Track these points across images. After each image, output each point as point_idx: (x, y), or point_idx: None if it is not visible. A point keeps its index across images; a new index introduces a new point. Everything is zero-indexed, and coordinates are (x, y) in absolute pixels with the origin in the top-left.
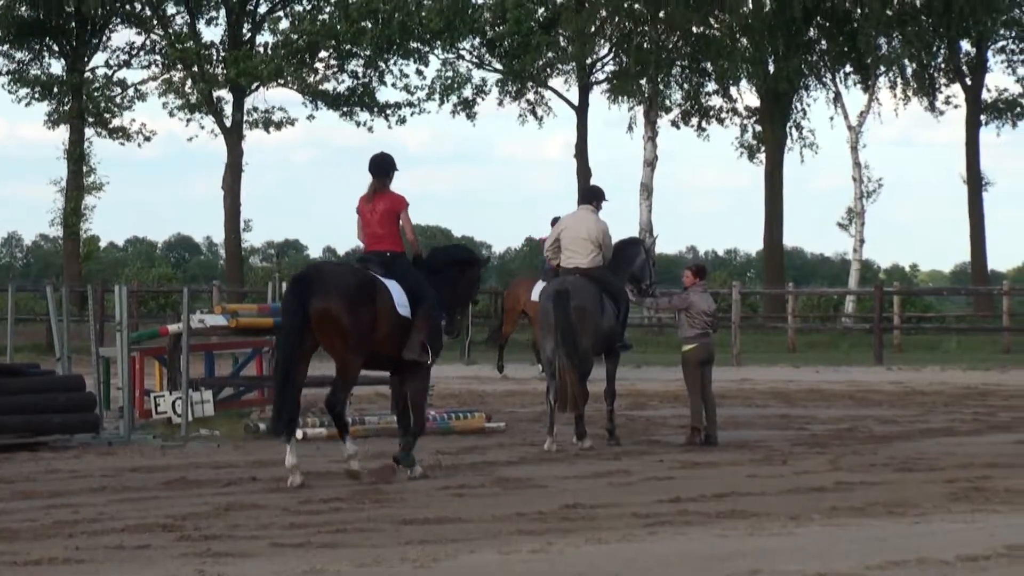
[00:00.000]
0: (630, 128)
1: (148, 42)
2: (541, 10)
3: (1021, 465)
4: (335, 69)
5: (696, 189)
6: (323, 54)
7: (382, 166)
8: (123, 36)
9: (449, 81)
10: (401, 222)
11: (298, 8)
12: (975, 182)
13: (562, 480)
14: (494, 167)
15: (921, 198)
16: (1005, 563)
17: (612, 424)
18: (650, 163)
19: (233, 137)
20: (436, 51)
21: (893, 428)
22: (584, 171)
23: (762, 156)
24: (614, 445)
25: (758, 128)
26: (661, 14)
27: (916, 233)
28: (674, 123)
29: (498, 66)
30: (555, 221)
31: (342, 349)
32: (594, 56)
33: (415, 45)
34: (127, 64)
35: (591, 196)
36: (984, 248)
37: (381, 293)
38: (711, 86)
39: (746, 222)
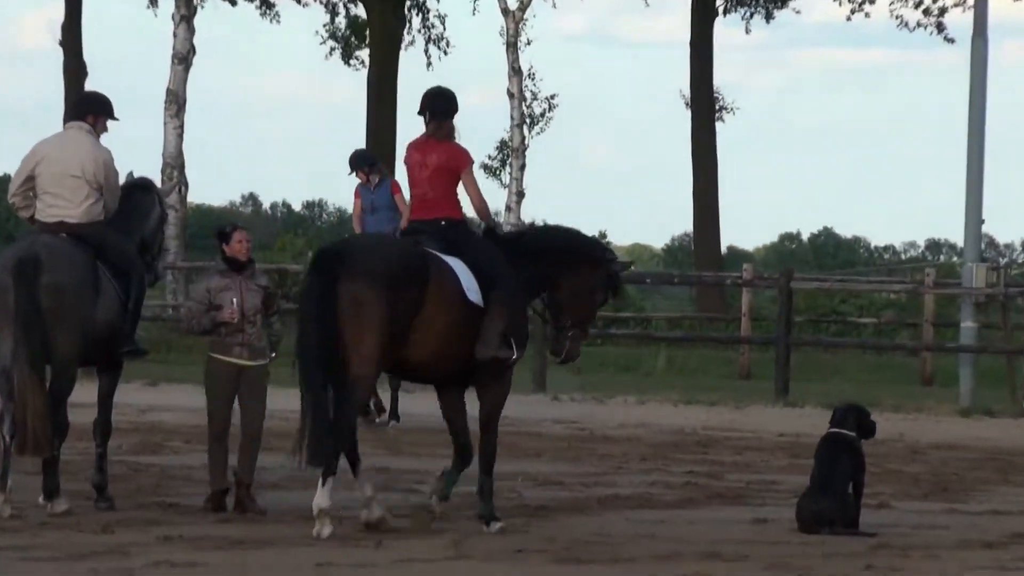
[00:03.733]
0: (153, 3)
1: None
2: None
3: (756, 556)
4: None
5: (258, 101)
6: None
7: (443, 103)
8: None
9: None
10: (463, 185)
11: None
12: (704, 105)
13: (16, 563)
14: None
15: (616, 126)
16: None
17: (102, 476)
18: (183, 58)
19: None
20: None
21: (559, 494)
22: (77, 69)
23: (365, 55)
24: (105, 509)
25: (359, 12)
26: None
27: (608, 183)
28: None
29: None
30: None
31: (369, 350)
32: None
33: None
34: None
35: (88, 108)
36: (717, 212)
37: (437, 275)
38: None
39: (346, 150)
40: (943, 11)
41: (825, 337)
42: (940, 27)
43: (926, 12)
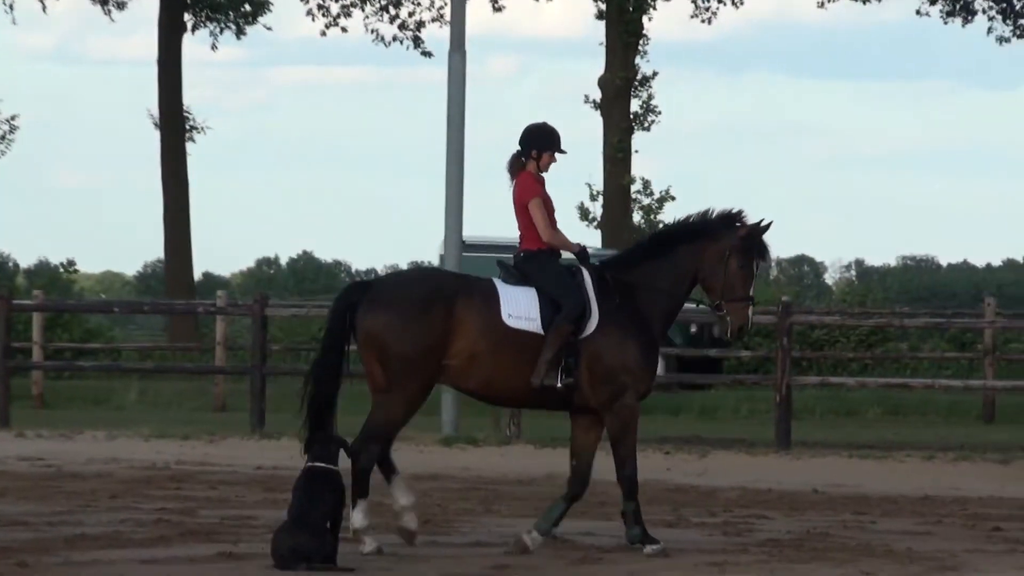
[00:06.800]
0: None
1: None
2: None
3: None
4: None
5: None
6: None
7: (531, 139)
8: None
9: None
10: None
11: None
12: (174, 125)
13: None
14: None
15: (83, 148)
16: None
17: None
18: None
19: None
20: None
21: (23, 535)
22: None
23: None
24: None
25: None
26: None
27: (76, 207)
28: None
29: None
30: None
31: (381, 381)
32: None
33: None
34: None
35: None
36: (188, 237)
37: (473, 302)
38: None
39: None
40: (420, 25)
41: (304, 365)
42: (417, 41)
43: (402, 27)
